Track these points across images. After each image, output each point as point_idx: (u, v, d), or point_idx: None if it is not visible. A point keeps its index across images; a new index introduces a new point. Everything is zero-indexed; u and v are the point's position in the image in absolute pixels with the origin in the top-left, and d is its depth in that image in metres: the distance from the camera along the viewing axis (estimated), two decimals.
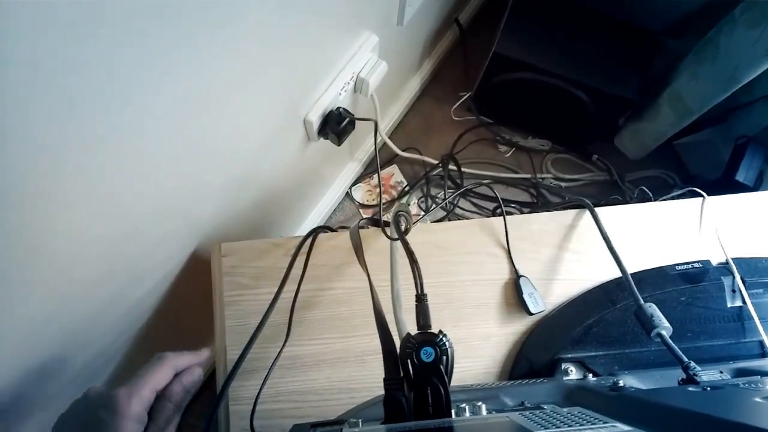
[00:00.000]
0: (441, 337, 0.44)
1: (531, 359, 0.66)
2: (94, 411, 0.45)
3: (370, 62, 0.89)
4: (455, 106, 1.53)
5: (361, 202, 1.45)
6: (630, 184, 1.43)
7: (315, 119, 0.83)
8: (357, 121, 0.90)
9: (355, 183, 1.45)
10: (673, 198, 0.76)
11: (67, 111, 0.39)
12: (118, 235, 0.57)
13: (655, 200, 0.89)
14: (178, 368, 0.53)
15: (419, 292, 0.49)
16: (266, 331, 0.61)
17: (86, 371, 0.73)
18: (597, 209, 0.70)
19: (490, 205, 1.43)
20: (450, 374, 0.44)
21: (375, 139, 0.96)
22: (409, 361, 0.44)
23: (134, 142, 0.49)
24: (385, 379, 0.46)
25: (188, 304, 0.87)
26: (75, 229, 0.50)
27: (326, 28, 0.72)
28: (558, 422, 0.36)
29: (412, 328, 0.47)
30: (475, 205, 1.44)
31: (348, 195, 1.45)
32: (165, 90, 0.48)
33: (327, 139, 0.91)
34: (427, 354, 0.43)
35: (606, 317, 0.66)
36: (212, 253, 0.70)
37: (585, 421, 0.35)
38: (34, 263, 0.48)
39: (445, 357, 0.44)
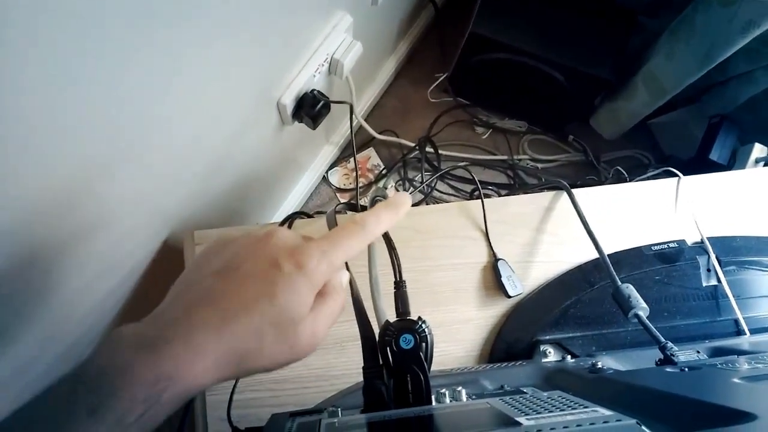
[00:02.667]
0: (420, 323, 0.44)
1: (510, 342, 0.66)
2: (270, 253, 0.34)
3: (344, 43, 0.87)
4: (431, 88, 1.51)
5: (337, 186, 1.44)
6: (606, 165, 1.44)
7: (289, 102, 0.81)
8: (332, 104, 0.89)
9: (331, 167, 1.43)
10: (648, 178, 0.76)
11: (32, 96, 0.37)
12: (84, 224, 0.55)
13: (630, 180, 0.90)
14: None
15: (398, 278, 0.48)
16: None
17: (54, 369, 0.71)
18: (574, 190, 0.70)
19: (468, 188, 1.43)
20: (429, 361, 0.43)
21: (351, 122, 0.95)
22: (388, 348, 0.43)
23: (100, 127, 0.47)
24: (364, 368, 0.45)
25: (160, 295, 0.85)
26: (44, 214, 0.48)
27: (299, 8, 0.70)
28: (539, 407, 0.35)
29: (391, 314, 0.46)
30: (452, 187, 1.44)
31: (325, 179, 1.43)
32: (131, 75, 0.46)
33: (302, 122, 0.90)
34: (407, 341, 0.43)
35: (583, 298, 0.66)
36: (185, 242, 0.69)
37: (566, 406, 0.35)
38: None
39: (424, 344, 0.43)
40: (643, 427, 0.29)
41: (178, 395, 0.29)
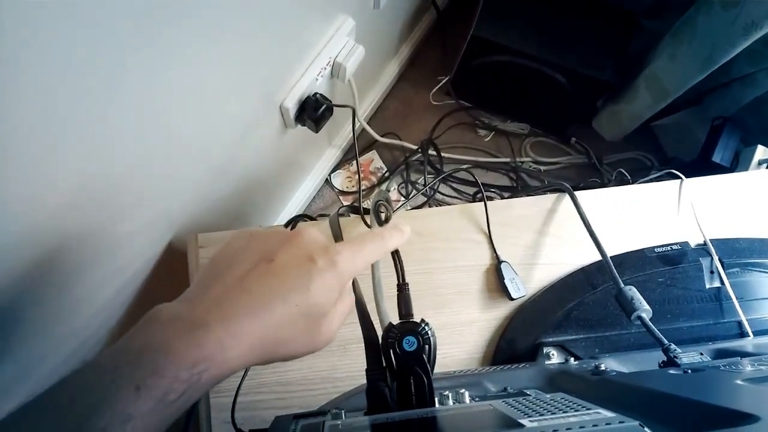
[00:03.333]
0: (423, 326, 0.44)
1: (513, 344, 0.66)
2: (305, 248, 0.36)
3: (346, 47, 0.88)
4: (434, 91, 1.52)
5: (340, 188, 1.44)
6: (608, 167, 1.44)
7: (291, 106, 0.82)
8: (335, 108, 0.89)
9: (334, 169, 1.43)
10: (651, 180, 0.76)
11: (36, 99, 0.37)
12: (88, 228, 0.56)
13: (633, 182, 0.90)
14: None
15: (400, 281, 0.48)
16: None
17: (58, 371, 0.71)
18: (576, 193, 0.70)
19: (471, 190, 1.43)
20: (433, 363, 0.44)
21: (353, 126, 0.95)
22: (391, 350, 0.43)
23: (105, 130, 0.47)
24: (367, 370, 0.45)
25: (164, 298, 0.85)
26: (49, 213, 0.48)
27: (301, 12, 0.70)
28: (542, 409, 0.35)
29: (394, 316, 0.46)
30: (455, 190, 1.44)
31: (327, 182, 1.43)
32: (136, 79, 0.46)
33: (304, 126, 0.90)
34: (410, 343, 0.43)
35: (586, 301, 0.66)
36: (189, 245, 0.69)
37: (569, 408, 0.35)
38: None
39: (427, 346, 0.43)
40: (646, 429, 0.29)
41: (214, 377, 0.30)
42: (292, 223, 0.69)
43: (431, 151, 1.43)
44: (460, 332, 0.68)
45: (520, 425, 0.31)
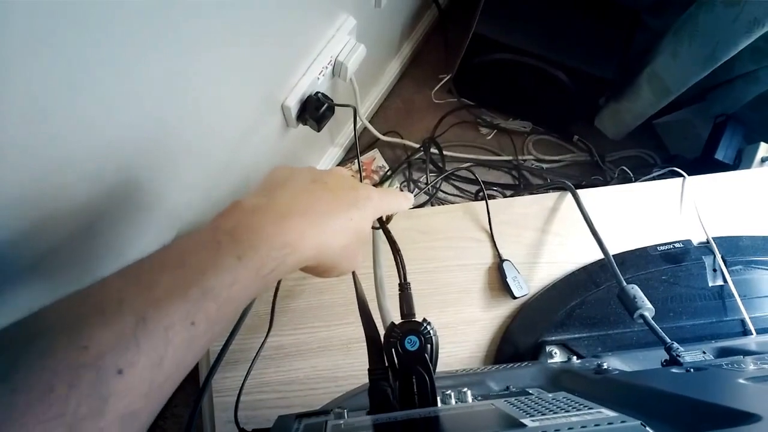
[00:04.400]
0: (425, 325, 0.44)
1: (515, 343, 0.66)
2: (348, 180, 0.44)
3: (348, 46, 0.87)
4: (436, 89, 1.51)
5: None
6: (611, 165, 1.44)
7: (293, 105, 0.82)
8: (336, 107, 0.89)
9: None
10: (653, 178, 0.76)
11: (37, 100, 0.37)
12: (92, 231, 0.56)
13: (635, 180, 0.89)
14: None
15: (402, 280, 0.48)
16: (249, 321, 0.61)
17: None
18: (578, 191, 0.70)
19: (473, 188, 1.43)
20: (435, 362, 0.44)
21: (354, 126, 0.95)
22: (393, 350, 0.43)
23: (107, 132, 0.47)
24: (369, 369, 0.45)
25: None
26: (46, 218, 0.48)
27: (302, 11, 0.70)
28: (544, 409, 0.35)
29: (396, 315, 0.46)
30: (457, 188, 1.44)
31: None
32: (137, 79, 0.46)
33: (306, 125, 0.90)
34: (412, 343, 0.43)
35: (589, 299, 0.66)
36: None
37: (571, 407, 0.35)
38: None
39: (429, 345, 0.43)
40: (648, 429, 0.29)
41: (294, 262, 0.34)
42: None
43: (433, 150, 1.43)
44: (462, 331, 0.68)
45: (522, 425, 0.31)
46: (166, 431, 1.21)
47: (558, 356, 0.63)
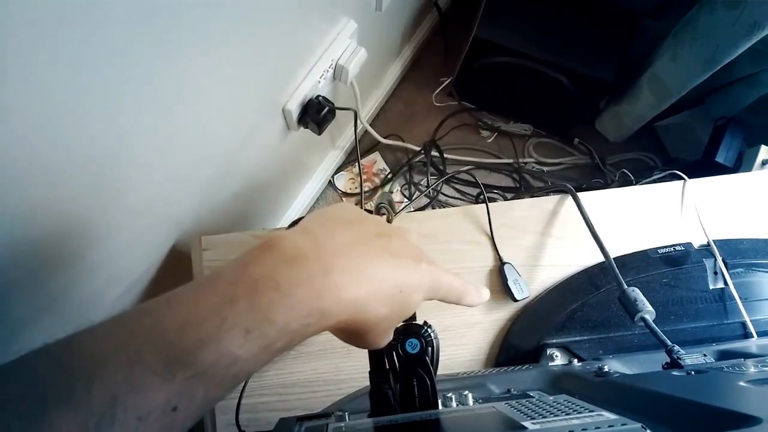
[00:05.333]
0: (426, 328, 0.44)
1: (516, 345, 0.66)
2: (414, 245, 0.37)
3: (348, 49, 0.88)
4: (436, 92, 1.52)
5: (343, 190, 1.44)
6: (611, 167, 1.44)
7: (294, 108, 0.82)
8: (337, 110, 0.89)
9: (337, 171, 1.44)
10: (654, 181, 0.76)
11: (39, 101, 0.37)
12: (93, 230, 0.56)
13: (636, 183, 0.89)
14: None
15: None
16: None
17: None
18: (579, 194, 0.70)
19: (474, 191, 1.43)
20: (436, 365, 0.44)
21: (355, 129, 0.95)
22: (394, 353, 0.43)
23: (108, 135, 0.47)
24: (370, 372, 0.45)
25: None
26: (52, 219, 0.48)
27: (303, 15, 0.70)
28: (545, 411, 0.35)
29: None
30: (458, 191, 1.44)
31: (331, 183, 1.44)
32: (134, 80, 0.46)
33: (307, 128, 0.90)
34: (413, 346, 0.43)
35: (590, 302, 0.66)
36: (192, 247, 0.69)
37: (571, 410, 0.35)
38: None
39: (430, 348, 0.43)
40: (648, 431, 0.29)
41: (318, 330, 0.29)
42: (295, 224, 0.69)
43: (434, 153, 1.43)
44: (463, 334, 0.68)
45: (523, 428, 0.31)
46: None
47: (559, 359, 0.63)
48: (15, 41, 0.32)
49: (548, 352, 0.63)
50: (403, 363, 0.43)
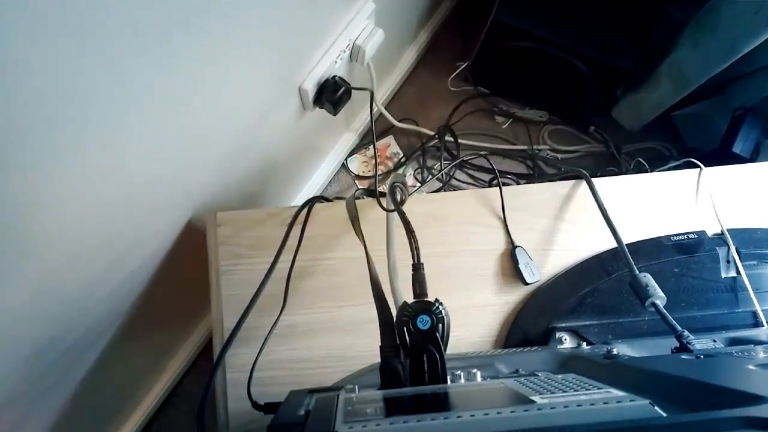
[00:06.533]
0: (437, 305, 0.44)
1: (526, 328, 0.66)
2: None
3: (366, 30, 0.88)
4: (452, 77, 1.51)
5: (356, 173, 1.44)
6: (627, 156, 1.43)
7: (310, 88, 0.82)
8: (353, 91, 0.89)
9: (350, 154, 1.44)
10: (669, 169, 0.76)
11: (60, 80, 0.38)
12: (112, 205, 0.57)
13: (651, 172, 0.89)
14: None
15: (416, 261, 0.49)
16: (262, 300, 0.61)
17: (78, 346, 0.73)
18: (593, 179, 0.70)
19: (487, 177, 1.43)
20: (446, 342, 0.44)
21: (371, 109, 0.95)
22: (405, 328, 0.44)
23: (126, 111, 0.48)
24: (381, 347, 0.46)
25: (184, 274, 0.87)
26: (67, 199, 0.49)
27: None
28: (553, 387, 0.36)
29: (408, 297, 0.47)
30: (471, 176, 1.44)
31: (344, 166, 1.44)
32: (154, 58, 0.47)
33: (323, 108, 0.90)
34: (424, 322, 0.44)
35: (601, 287, 0.66)
36: (207, 223, 0.70)
37: (580, 387, 0.35)
38: (29, 233, 0.48)
39: (441, 325, 0.44)
40: (656, 407, 0.29)
41: None
42: (309, 204, 0.70)
43: (448, 138, 1.43)
44: (472, 315, 0.68)
45: (532, 401, 0.32)
46: (178, 407, 1.23)
47: (568, 342, 0.64)
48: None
49: (557, 336, 0.64)
50: (414, 339, 0.44)
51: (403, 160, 1.46)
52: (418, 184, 1.43)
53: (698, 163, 0.73)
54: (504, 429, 0.28)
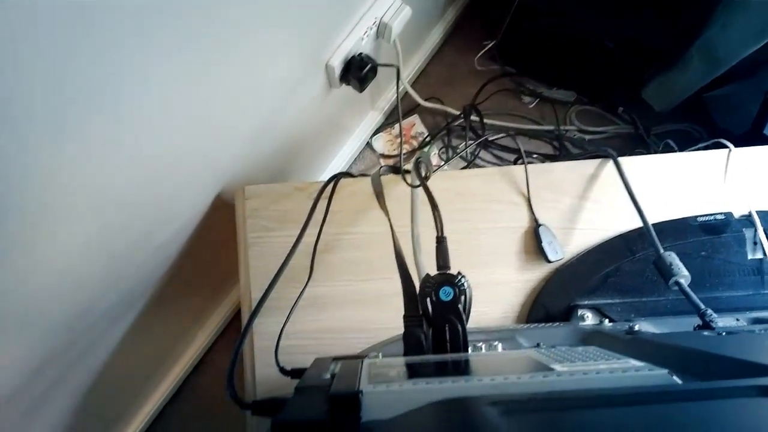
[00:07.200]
0: (460, 277, 0.45)
1: (548, 305, 0.67)
2: None
3: (393, 6, 0.88)
4: (479, 55, 1.50)
5: (381, 152, 1.45)
6: (655, 138, 1.40)
7: (337, 65, 0.83)
8: (379, 68, 0.89)
9: (375, 133, 1.44)
10: (698, 149, 0.75)
11: (92, 54, 0.39)
12: (145, 175, 0.59)
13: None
14: None
15: (439, 234, 0.50)
16: (288, 272, 0.63)
17: (116, 309, 0.76)
18: (620, 159, 0.70)
19: (512, 157, 1.42)
20: (468, 314, 0.45)
21: (397, 86, 0.95)
22: (428, 299, 0.45)
23: (158, 85, 0.49)
24: (404, 316, 0.47)
25: (213, 244, 0.89)
26: (103, 169, 0.51)
27: None
28: (572, 358, 0.37)
29: (432, 271, 0.48)
30: (496, 156, 1.43)
31: (368, 145, 1.44)
32: (184, 32, 0.48)
33: (349, 85, 0.91)
34: (446, 293, 0.45)
35: (624, 266, 0.66)
36: (236, 196, 0.72)
37: (599, 358, 0.36)
38: (68, 201, 0.49)
39: (463, 296, 0.45)
40: (674, 377, 0.30)
41: None
42: (334, 180, 0.71)
43: (474, 117, 1.42)
44: (494, 292, 0.69)
45: (551, 369, 0.33)
46: (207, 375, 1.26)
47: (590, 320, 0.64)
48: None
49: (579, 313, 0.64)
50: (437, 309, 0.45)
51: (428, 139, 1.45)
52: (443, 163, 1.43)
53: (727, 143, 0.72)
54: (523, 392, 0.29)
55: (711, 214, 0.68)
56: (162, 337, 1.04)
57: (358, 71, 0.86)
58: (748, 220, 0.67)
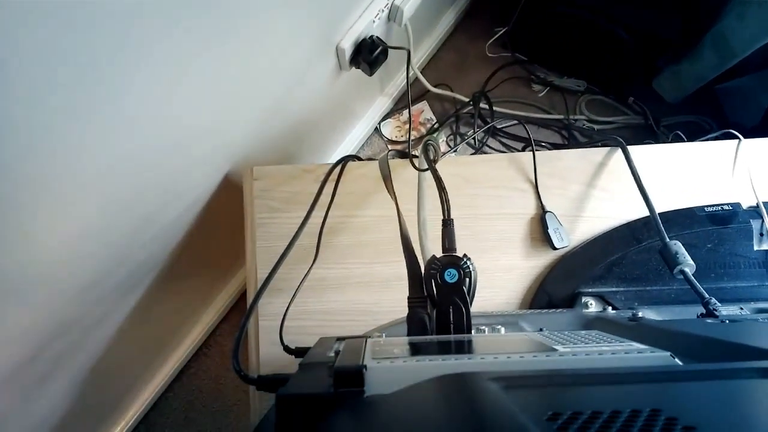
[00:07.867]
0: (465, 260, 0.45)
1: (552, 292, 0.67)
2: None
3: None
4: (490, 42, 1.49)
5: (389, 137, 1.45)
6: (665, 129, 1.40)
7: (348, 47, 0.83)
8: (390, 51, 0.89)
9: (384, 118, 1.44)
10: (708, 140, 0.75)
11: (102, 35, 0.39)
12: (153, 153, 0.59)
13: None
14: None
15: (446, 216, 0.50)
16: (294, 253, 0.63)
17: (123, 287, 0.76)
18: (628, 147, 0.69)
19: (519, 146, 1.42)
20: (472, 296, 0.45)
21: (407, 69, 0.95)
22: (432, 281, 0.45)
23: (168, 66, 0.49)
24: (409, 298, 0.47)
25: (220, 225, 0.90)
26: (112, 144, 0.51)
27: None
28: (575, 341, 0.37)
29: (437, 254, 0.48)
30: (504, 144, 1.43)
31: (377, 130, 1.44)
32: (195, 12, 0.48)
33: (359, 68, 0.91)
34: (451, 275, 0.45)
35: (629, 255, 0.66)
36: (244, 177, 0.72)
37: (602, 341, 0.36)
38: (75, 179, 0.50)
39: (468, 279, 0.45)
40: (676, 359, 0.30)
41: None
42: (342, 162, 0.71)
43: (483, 104, 1.42)
44: (499, 277, 0.69)
45: (554, 350, 0.33)
46: (210, 357, 1.28)
47: (593, 307, 0.64)
48: None
49: (583, 300, 0.64)
50: (441, 291, 0.45)
51: (436, 126, 1.45)
52: (450, 150, 1.42)
53: (737, 134, 0.72)
54: (525, 370, 0.30)
55: (718, 205, 0.68)
56: (170, 314, 1.05)
57: (368, 54, 0.86)
58: (755, 211, 0.67)
